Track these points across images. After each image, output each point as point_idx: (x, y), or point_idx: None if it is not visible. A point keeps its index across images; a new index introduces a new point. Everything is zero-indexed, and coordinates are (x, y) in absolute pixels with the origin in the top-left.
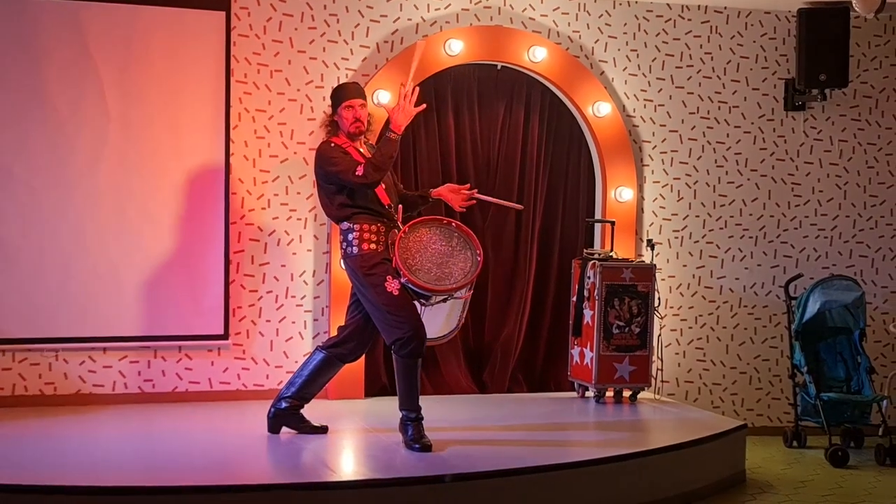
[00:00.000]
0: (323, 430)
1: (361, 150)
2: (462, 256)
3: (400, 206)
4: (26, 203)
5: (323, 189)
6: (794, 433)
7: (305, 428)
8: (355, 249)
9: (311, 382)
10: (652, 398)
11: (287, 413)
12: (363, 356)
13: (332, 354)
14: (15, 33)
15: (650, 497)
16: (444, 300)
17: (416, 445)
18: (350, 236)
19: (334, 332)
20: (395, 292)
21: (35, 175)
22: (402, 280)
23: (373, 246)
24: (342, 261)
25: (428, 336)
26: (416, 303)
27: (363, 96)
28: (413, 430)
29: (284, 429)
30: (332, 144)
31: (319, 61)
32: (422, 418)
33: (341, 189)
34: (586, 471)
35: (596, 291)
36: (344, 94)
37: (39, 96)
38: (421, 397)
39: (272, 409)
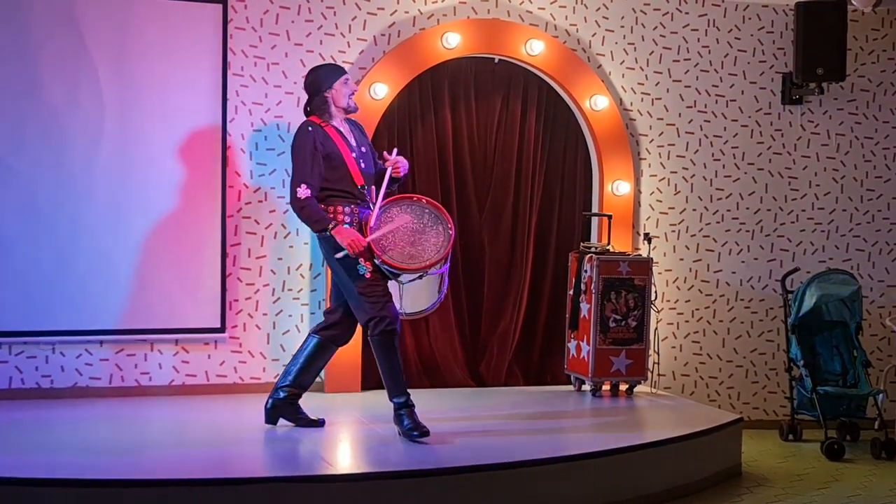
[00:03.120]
0: (320, 423)
1: (344, 132)
2: (434, 232)
3: (373, 187)
4: (22, 195)
5: None
6: (791, 427)
7: (302, 421)
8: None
9: (307, 368)
10: (648, 392)
11: (285, 402)
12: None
13: (326, 337)
14: (10, 25)
15: (646, 490)
16: (420, 277)
17: (415, 433)
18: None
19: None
20: (368, 274)
21: (30, 168)
22: (377, 261)
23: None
24: (319, 241)
25: (414, 310)
26: (394, 282)
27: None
28: (408, 420)
29: (281, 421)
30: (310, 130)
31: (316, 54)
32: (413, 404)
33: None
34: (582, 464)
35: (593, 285)
36: (338, 70)
37: (34, 89)
38: (418, 391)
39: (269, 400)
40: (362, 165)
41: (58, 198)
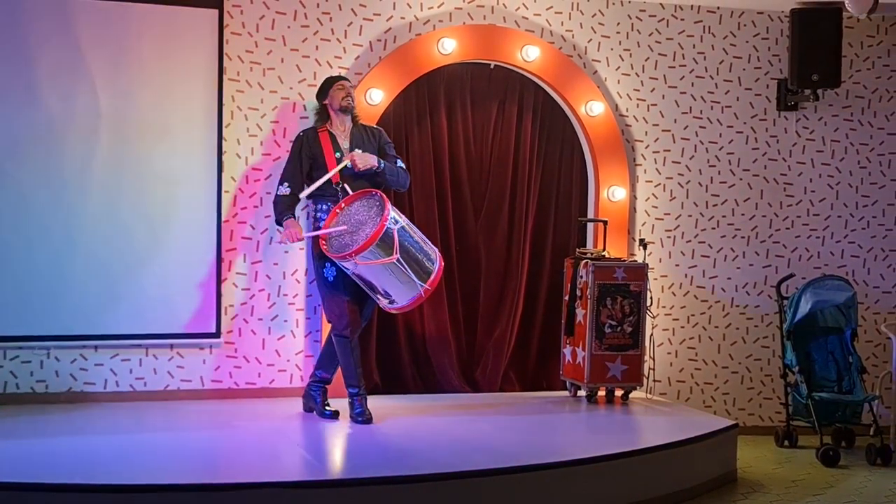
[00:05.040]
0: (335, 415)
1: (339, 137)
2: (372, 223)
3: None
4: (17, 200)
5: None
6: (786, 433)
7: (322, 405)
8: (310, 227)
9: (329, 356)
10: (644, 397)
11: (315, 389)
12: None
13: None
14: (6, 30)
15: (642, 496)
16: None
17: (360, 419)
18: (308, 214)
19: (326, 331)
20: (330, 278)
21: (26, 172)
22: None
23: (319, 224)
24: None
25: (400, 304)
26: (370, 269)
27: (350, 82)
28: (359, 406)
29: (277, 426)
30: (301, 135)
31: (312, 59)
32: (364, 394)
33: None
34: (578, 470)
35: (588, 291)
36: (336, 78)
37: (31, 93)
38: (412, 396)
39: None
40: (349, 166)
41: (53, 202)
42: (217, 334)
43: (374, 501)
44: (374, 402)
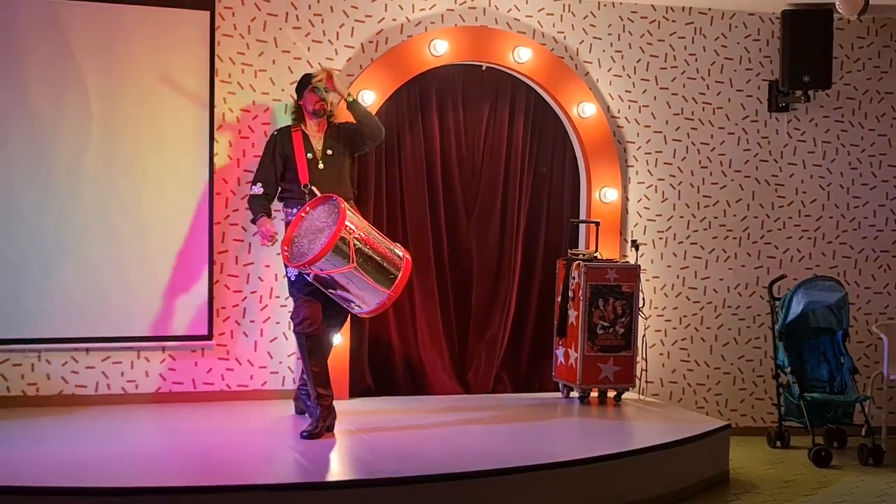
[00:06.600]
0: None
1: (313, 137)
2: (328, 231)
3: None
4: (7, 203)
5: None
6: (778, 433)
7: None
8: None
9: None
10: (636, 398)
11: (305, 391)
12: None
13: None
14: None
15: (634, 497)
16: (334, 272)
17: (304, 434)
18: (281, 218)
19: None
20: (292, 277)
21: (16, 174)
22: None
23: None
24: None
25: (366, 310)
26: (330, 277)
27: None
28: (312, 423)
29: (269, 429)
30: (275, 134)
31: (304, 61)
32: (323, 404)
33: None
34: (570, 471)
35: (580, 292)
36: (307, 78)
37: (20, 95)
38: (405, 397)
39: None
40: (320, 167)
41: (44, 205)
42: (209, 337)
43: (366, 503)
44: (367, 404)
